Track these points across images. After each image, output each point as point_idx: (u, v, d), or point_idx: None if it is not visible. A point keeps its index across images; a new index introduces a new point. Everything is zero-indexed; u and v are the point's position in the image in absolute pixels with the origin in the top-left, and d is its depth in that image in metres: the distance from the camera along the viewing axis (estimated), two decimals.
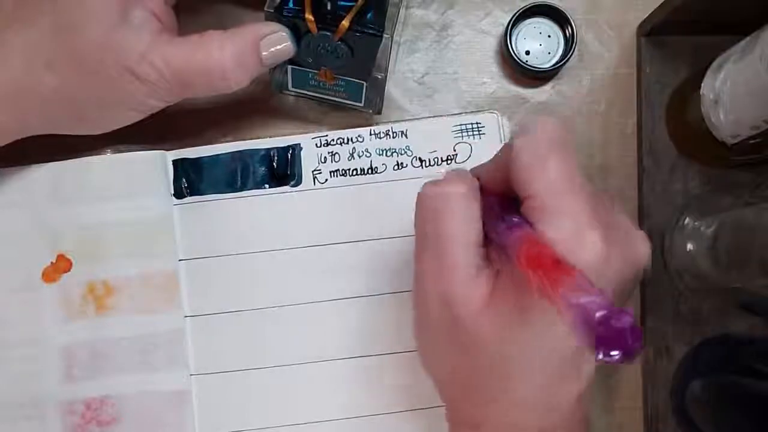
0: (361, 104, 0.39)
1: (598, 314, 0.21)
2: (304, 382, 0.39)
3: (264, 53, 0.34)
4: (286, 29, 0.35)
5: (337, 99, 0.39)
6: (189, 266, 0.39)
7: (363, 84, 0.37)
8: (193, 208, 0.40)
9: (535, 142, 0.28)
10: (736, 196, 0.37)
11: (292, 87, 0.39)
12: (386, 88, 0.39)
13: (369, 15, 0.34)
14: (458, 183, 0.30)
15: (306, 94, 0.40)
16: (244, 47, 0.34)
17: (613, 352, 0.21)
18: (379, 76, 0.37)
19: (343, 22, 0.34)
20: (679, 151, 0.40)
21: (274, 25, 0.34)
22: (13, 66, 0.33)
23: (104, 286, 0.39)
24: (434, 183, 0.31)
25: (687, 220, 0.39)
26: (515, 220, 0.28)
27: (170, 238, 0.39)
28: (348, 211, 0.40)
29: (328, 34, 0.34)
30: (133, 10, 0.33)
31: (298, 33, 0.35)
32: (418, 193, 0.31)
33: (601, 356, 0.21)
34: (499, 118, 0.40)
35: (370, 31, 0.34)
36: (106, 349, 0.39)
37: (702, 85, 0.37)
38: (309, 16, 0.34)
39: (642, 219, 0.41)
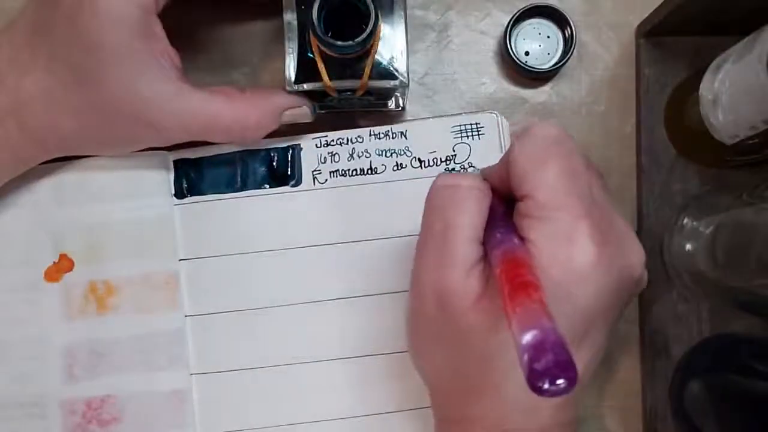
0: (388, 107, 0.40)
1: (525, 356, 0.22)
2: (303, 382, 0.39)
3: (283, 119, 0.37)
4: (308, 102, 0.37)
5: (362, 108, 0.40)
6: (189, 266, 0.40)
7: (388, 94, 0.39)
8: (194, 208, 0.40)
9: (531, 143, 0.29)
10: (734, 197, 0.37)
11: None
12: None
13: (384, 64, 0.35)
14: (472, 178, 0.31)
15: (330, 110, 0.40)
16: (268, 115, 0.36)
17: (553, 383, 0.21)
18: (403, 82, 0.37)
19: (363, 80, 0.34)
20: (678, 152, 0.41)
21: (299, 99, 0.37)
22: (32, 112, 0.34)
23: (105, 286, 0.39)
24: (449, 175, 0.31)
25: (686, 220, 0.39)
26: (503, 230, 0.29)
27: (171, 238, 0.39)
28: (348, 212, 0.40)
29: (350, 93, 0.36)
30: (153, 58, 0.33)
31: (321, 94, 0.36)
32: (432, 184, 0.31)
33: (543, 385, 0.21)
34: (499, 118, 0.40)
35: (390, 80, 0.35)
36: (106, 348, 0.39)
37: (700, 85, 0.37)
38: (328, 84, 0.35)
39: (641, 219, 0.41)
